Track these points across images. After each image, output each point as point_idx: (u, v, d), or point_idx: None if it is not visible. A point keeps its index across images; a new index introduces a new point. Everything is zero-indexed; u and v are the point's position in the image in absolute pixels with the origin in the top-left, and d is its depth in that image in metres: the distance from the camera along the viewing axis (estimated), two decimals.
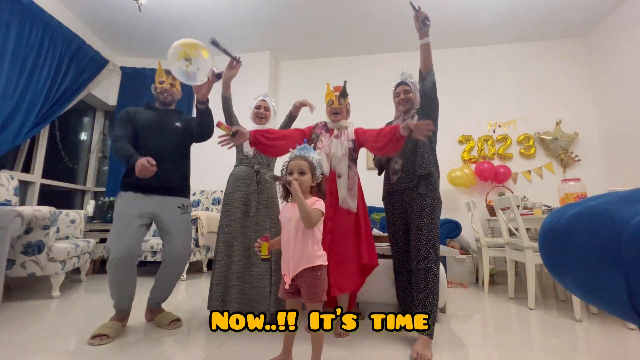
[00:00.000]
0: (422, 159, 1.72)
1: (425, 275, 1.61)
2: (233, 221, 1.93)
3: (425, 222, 1.66)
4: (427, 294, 1.59)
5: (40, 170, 3.48)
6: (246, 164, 2.02)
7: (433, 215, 1.68)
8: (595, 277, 0.37)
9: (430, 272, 1.61)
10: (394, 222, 1.87)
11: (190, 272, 3.56)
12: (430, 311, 1.56)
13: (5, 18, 2.81)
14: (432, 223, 1.67)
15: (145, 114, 1.88)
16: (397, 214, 1.83)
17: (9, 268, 2.24)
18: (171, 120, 1.90)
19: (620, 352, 1.56)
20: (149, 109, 1.92)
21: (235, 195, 1.96)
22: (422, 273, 1.62)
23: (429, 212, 1.67)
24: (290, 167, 1.31)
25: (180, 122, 1.92)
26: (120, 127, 1.80)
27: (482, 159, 3.92)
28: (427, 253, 1.63)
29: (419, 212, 1.68)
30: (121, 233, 1.65)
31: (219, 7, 3.48)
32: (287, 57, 4.52)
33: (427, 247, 1.64)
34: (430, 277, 1.60)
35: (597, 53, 3.75)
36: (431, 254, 1.63)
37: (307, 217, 1.20)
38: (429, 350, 1.47)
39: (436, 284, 1.60)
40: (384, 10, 3.51)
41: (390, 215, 1.89)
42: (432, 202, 1.69)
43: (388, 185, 1.91)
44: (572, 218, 0.41)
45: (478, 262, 3.27)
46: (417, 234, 1.67)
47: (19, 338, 1.59)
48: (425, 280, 1.60)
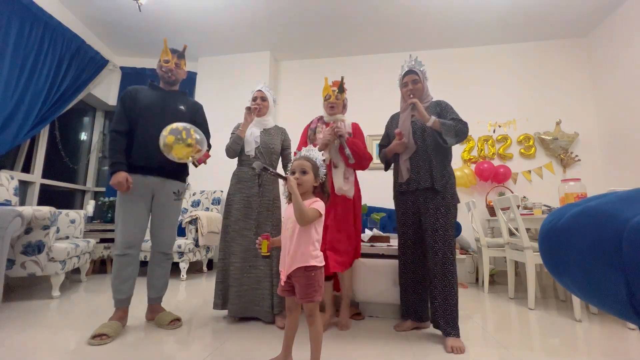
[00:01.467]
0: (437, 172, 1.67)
1: (444, 277, 1.60)
2: (234, 222, 1.93)
3: (441, 223, 1.63)
4: (446, 296, 1.59)
5: (40, 170, 3.48)
6: (248, 165, 1.99)
7: (448, 215, 1.65)
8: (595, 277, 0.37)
9: (449, 274, 1.61)
10: (404, 222, 1.81)
11: (190, 272, 3.56)
12: (453, 312, 1.58)
13: (5, 18, 2.81)
14: (447, 223, 1.64)
15: (148, 92, 1.87)
16: (409, 214, 1.78)
17: (9, 268, 2.24)
18: (175, 102, 1.90)
19: (620, 352, 1.56)
20: (153, 89, 1.91)
21: (237, 196, 1.96)
22: (440, 276, 1.61)
23: (444, 211, 1.64)
24: (293, 167, 1.32)
25: (184, 106, 1.92)
26: (119, 116, 1.80)
27: (482, 159, 3.92)
28: (445, 255, 1.61)
29: (434, 212, 1.65)
30: (125, 218, 1.73)
31: (219, 7, 3.48)
32: (287, 57, 4.52)
33: (445, 249, 1.62)
34: (449, 279, 1.60)
35: (597, 53, 3.75)
36: (449, 256, 1.62)
37: (300, 214, 1.19)
38: (461, 342, 1.53)
39: (454, 285, 1.60)
40: (384, 10, 3.51)
41: (401, 216, 1.83)
42: (448, 201, 1.66)
43: (399, 185, 1.83)
44: (572, 218, 0.41)
45: (478, 262, 3.27)
46: (434, 235, 1.63)
47: (19, 338, 1.59)
48: (443, 282, 1.60)
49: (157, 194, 1.84)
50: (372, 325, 1.90)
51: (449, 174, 1.71)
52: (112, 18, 3.64)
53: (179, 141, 1.60)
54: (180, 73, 1.94)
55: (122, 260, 1.72)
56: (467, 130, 1.66)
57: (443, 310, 1.59)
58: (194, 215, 3.27)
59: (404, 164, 1.77)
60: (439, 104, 1.78)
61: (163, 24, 3.76)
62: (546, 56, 3.97)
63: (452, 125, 1.63)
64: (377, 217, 2.62)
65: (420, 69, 1.80)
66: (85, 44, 3.63)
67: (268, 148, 2.01)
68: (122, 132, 1.78)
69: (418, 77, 1.78)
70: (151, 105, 1.83)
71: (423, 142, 1.73)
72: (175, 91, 1.96)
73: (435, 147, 1.71)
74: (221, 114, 3.95)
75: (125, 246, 1.71)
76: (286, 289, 1.28)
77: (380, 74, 4.23)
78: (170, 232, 1.91)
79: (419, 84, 1.77)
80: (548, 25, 3.72)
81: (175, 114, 1.86)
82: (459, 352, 1.49)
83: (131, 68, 4.35)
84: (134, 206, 1.76)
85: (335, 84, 1.97)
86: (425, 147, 1.72)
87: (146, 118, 1.80)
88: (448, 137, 1.62)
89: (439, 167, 1.68)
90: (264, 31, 3.91)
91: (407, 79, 1.80)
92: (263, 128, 2.06)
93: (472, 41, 4.06)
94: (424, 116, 1.64)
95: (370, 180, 2.53)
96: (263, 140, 2.01)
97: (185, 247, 3.12)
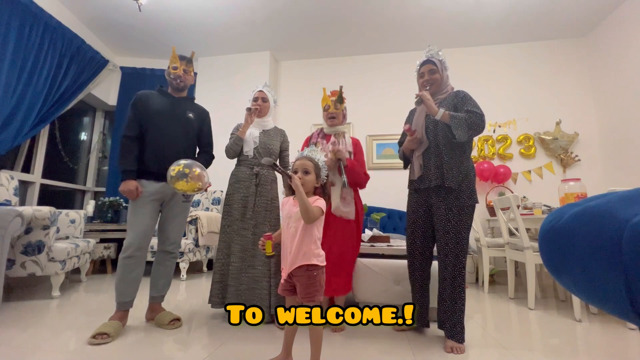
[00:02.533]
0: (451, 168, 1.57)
1: (453, 280, 1.55)
2: (232, 222, 1.94)
3: (452, 224, 1.54)
4: (455, 299, 1.54)
5: (40, 170, 3.48)
6: (246, 165, 2.00)
7: (462, 215, 1.54)
8: (595, 277, 0.37)
9: (458, 277, 1.54)
10: (413, 221, 1.74)
11: (190, 272, 3.56)
12: (459, 317, 1.54)
13: (5, 18, 2.81)
14: (461, 224, 1.54)
15: (158, 99, 1.90)
16: (419, 213, 1.71)
17: (9, 268, 2.24)
18: (184, 109, 1.94)
19: (620, 352, 1.56)
20: (162, 95, 1.94)
21: (235, 196, 1.97)
22: (449, 279, 1.55)
23: (457, 212, 1.54)
24: (296, 167, 1.33)
25: (192, 113, 1.96)
26: (130, 121, 1.84)
27: (482, 159, 3.92)
28: (457, 258, 1.53)
29: (446, 213, 1.56)
30: (136, 219, 1.76)
31: (219, 7, 3.48)
32: (287, 57, 4.52)
33: (456, 251, 1.53)
34: (458, 281, 1.54)
35: (597, 53, 3.75)
36: (460, 259, 1.53)
37: (307, 212, 1.20)
38: (462, 345, 1.51)
39: (463, 289, 1.55)
40: (384, 10, 3.51)
41: (411, 214, 1.76)
42: (463, 201, 1.56)
43: (414, 182, 1.74)
44: (572, 218, 0.41)
45: (478, 262, 3.27)
46: (445, 237, 1.56)
47: (19, 338, 1.59)
48: (452, 285, 1.55)
49: (168, 198, 1.89)
50: (372, 325, 1.90)
51: (467, 170, 1.58)
52: (112, 18, 3.64)
53: (184, 177, 1.66)
54: (189, 79, 1.97)
55: (129, 263, 1.72)
56: (483, 122, 1.52)
57: (450, 314, 1.55)
58: (194, 215, 3.27)
59: (417, 160, 1.69)
60: (458, 94, 1.65)
61: (163, 24, 3.76)
62: (546, 56, 3.97)
63: (464, 118, 1.51)
64: (377, 217, 2.62)
65: (440, 58, 1.69)
66: (85, 44, 3.64)
67: (267, 149, 2.01)
68: (134, 138, 1.82)
69: (436, 67, 1.67)
70: (161, 111, 1.87)
71: (435, 137, 1.63)
72: (183, 97, 1.99)
73: (447, 143, 1.59)
74: (221, 114, 3.94)
75: (133, 248, 1.72)
76: (287, 288, 1.29)
77: (380, 74, 4.22)
78: (176, 230, 1.93)
79: (437, 74, 1.67)
80: (548, 25, 3.72)
81: (185, 121, 1.91)
82: (459, 352, 1.48)
83: (131, 68, 4.35)
84: (145, 210, 1.79)
85: (333, 93, 1.97)
86: (437, 143, 1.62)
87: (157, 124, 1.85)
88: (458, 130, 1.50)
89: (452, 163, 1.57)
90: (264, 31, 3.91)
91: (423, 69, 1.70)
92: (262, 129, 2.07)
93: (472, 41, 4.06)
94: (432, 108, 1.55)
95: (370, 181, 2.53)
96: (262, 141, 2.02)
97: (185, 247, 3.13)
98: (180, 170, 1.64)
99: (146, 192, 1.79)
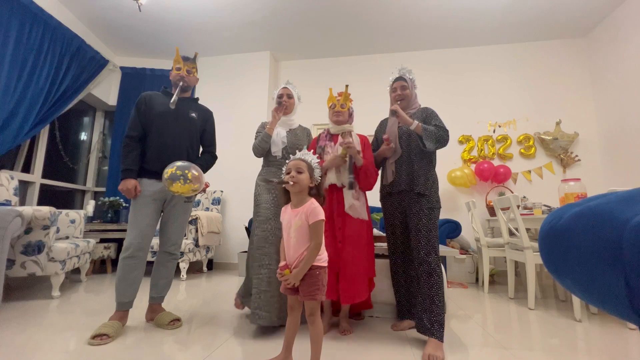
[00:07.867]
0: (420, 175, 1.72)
1: (429, 277, 1.59)
2: (263, 222, 1.82)
3: (424, 223, 1.65)
4: (432, 296, 1.57)
5: (40, 170, 3.48)
6: (276, 166, 1.93)
7: (431, 216, 1.67)
8: (595, 277, 0.37)
9: (434, 274, 1.59)
10: (391, 223, 1.86)
11: (190, 272, 3.57)
12: (438, 314, 1.54)
13: (5, 18, 2.81)
14: (430, 223, 1.65)
15: (162, 99, 1.91)
16: (396, 215, 1.83)
17: (9, 268, 2.24)
18: (187, 110, 1.94)
19: (620, 352, 1.56)
20: (166, 95, 1.95)
21: (265, 196, 1.87)
22: (425, 276, 1.60)
23: (427, 212, 1.67)
24: (289, 167, 1.33)
25: (195, 113, 1.97)
26: (133, 122, 1.85)
27: (482, 159, 3.92)
28: (428, 254, 1.61)
29: (417, 213, 1.68)
30: (137, 219, 1.75)
31: (218, 7, 3.48)
32: (287, 57, 4.52)
33: (428, 248, 1.62)
34: (434, 279, 1.58)
35: (597, 53, 3.75)
36: (432, 256, 1.61)
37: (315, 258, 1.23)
38: (441, 351, 1.46)
39: (441, 286, 1.59)
40: (384, 10, 3.51)
41: (389, 216, 1.88)
42: (433, 204, 1.69)
43: (386, 187, 1.89)
44: (572, 218, 0.41)
45: (478, 262, 3.27)
46: (417, 235, 1.66)
47: (19, 338, 1.59)
48: (429, 282, 1.58)
49: (170, 198, 1.89)
50: (372, 325, 1.90)
51: (433, 178, 1.75)
52: (112, 18, 3.64)
53: (179, 179, 1.63)
54: (192, 79, 1.97)
55: (130, 263, 1.72)
56: (448, 137, 1.71)
57: (429, 311, 1.55)
58: (194, 215, 3.27)
59: (390, 167, 1.85)
60: (425, 110, 1.82)
61: (163, 24, 3.76)
62: (546, 56, 3.97)
63: (434, 131, 1.68)
64: (377, 217, 2.62)
65: (410, 77, 1.88)
66: (85, 43, 3.63)
67: (295, 148, 1.91)
68: (136, 138, 1.83)
69: (407, 84, 1.85)
70: (165, 112, 1.87)
71: (408, 146, 1.79)
72: (187, 98, 1.98)
73: (418, 152, 1.76)
74: (221, 113, 3.94)
75: (134, 248, 1.72)
76: (290, 287, 1.29)
77: (380, 74, 4.22)
78: (178, 231, 1.93)
79: (407, 90, 1.84)
80: (548, 25, 3.72)
81: (188, 121, 1.92)
82: None
83: (131, 68, 4.35)
84: (146, 210, 1.78)
85: (340, 94, 1.97)
86: (409, 152, 1.78)
87: (160, 125, 1.85)
88: (428, 141, 1.67)
89: (421, 172, 1.73)
90: (263, 31, 3.91)
91: (396, 85, 1.87)
92: (289, 127, 2.00)
93: (472, 41, 4.06)
94: (406, 120, 1.70)
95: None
96: (290, 141, 1.95)
97: (185, 247, 3.12)
98: (173, 172, 1.62)
99: (148, 192, 1.79)
